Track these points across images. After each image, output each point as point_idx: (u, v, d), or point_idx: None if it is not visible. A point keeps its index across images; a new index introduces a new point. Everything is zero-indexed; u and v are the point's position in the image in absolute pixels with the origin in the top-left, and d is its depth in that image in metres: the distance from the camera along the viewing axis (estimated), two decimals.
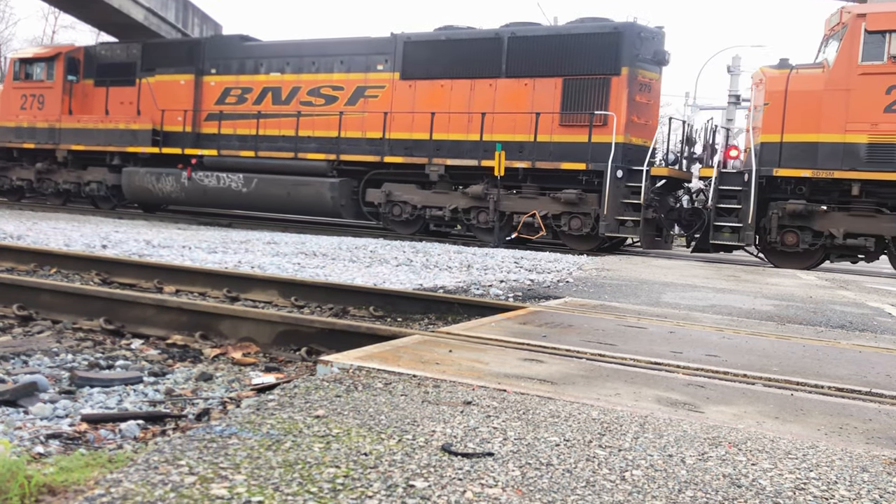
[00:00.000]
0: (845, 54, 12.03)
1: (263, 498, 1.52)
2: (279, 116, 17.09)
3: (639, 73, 14.08)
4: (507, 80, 14.74)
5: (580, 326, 4.32)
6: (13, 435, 2.39)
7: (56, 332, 4.24)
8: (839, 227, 12.26)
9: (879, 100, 11.73)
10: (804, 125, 12.29)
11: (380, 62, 16.10)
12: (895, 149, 11.72)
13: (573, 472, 1.82)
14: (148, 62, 19.06)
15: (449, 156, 15.16)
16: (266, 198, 17.09)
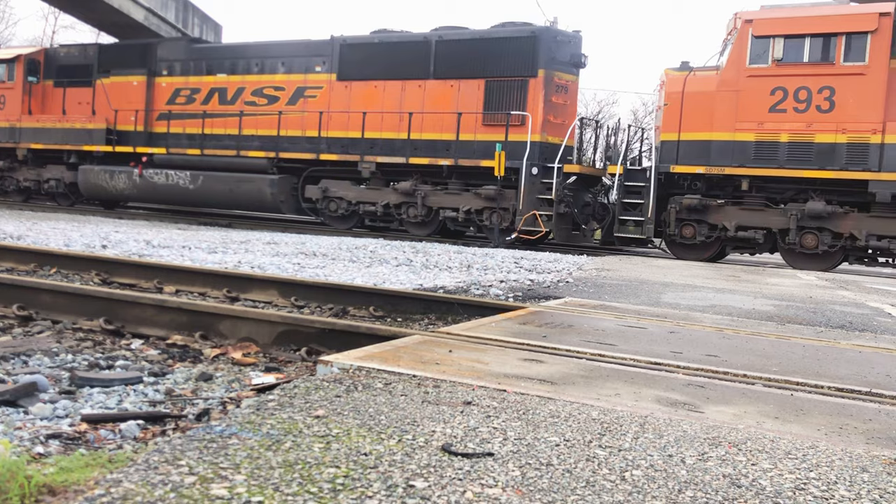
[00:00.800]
0: (735, 57, 12.81)
1: (263, 498, 1.53)
2: (224, 116, 17.90)
3: (555, 75, 14.82)
4: (434, 82, 15.49)
5: (580, 326, 4.32)
6: (13, 435, 2.39)
7: (56, 333, 4.24)
8: (732, 221, 12.96)
9: (765, 100, 12.47)
10: (699, 124, 13.00)
11: (318, 64, 16.88)
12: (778, 146, 12.46)
13: (573, 472, 1.82)
14: (104, 64, 19.83)
15: (382, 153, 15.94)
16: (211, 194, 17.83)
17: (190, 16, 35.57)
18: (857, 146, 12.01)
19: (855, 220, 12.33)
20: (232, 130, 17.72)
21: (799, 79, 12.30)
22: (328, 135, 16.56)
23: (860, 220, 12.31)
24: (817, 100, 12.23)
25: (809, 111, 12.28)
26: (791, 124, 12.39)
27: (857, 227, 12.28)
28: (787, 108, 12.41)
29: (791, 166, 12.41)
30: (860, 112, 12.01)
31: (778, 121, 12.44)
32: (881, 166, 11.90)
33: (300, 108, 16.90)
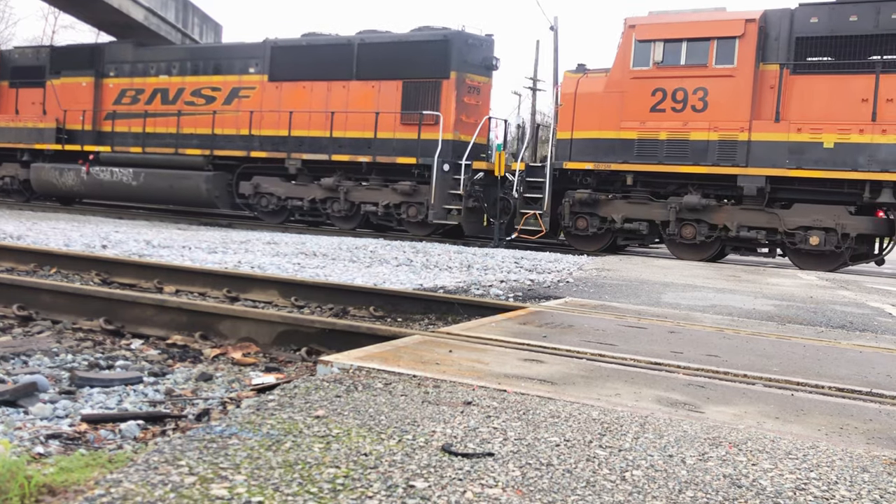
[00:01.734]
0: (620, 60, 13.67)
1: (263, 498, 1.52)
2: (165, 115, 18.72)
3: (467, 77, 15.65)
4: (357, 83, 16.32)
5: (580, 326, 4.32)
6: (13, 435, 2.39)
7: (56, 333, 4.24)
8: (619, 213, 13.85)
9: (646, 101, 13.29)
10: (590, 123, 13.84)
11: (252, 66, 17.73)
12: (658, 143, 13.26)
13: (573, 472, 1.82)
14: (55, 65, 20.56)
15: (309, 151, 16.75)
16: (152, 190, 18.60)
17: (190, 15, 35.56)
18: (727, 143, 12.77)
19: (728, 213, 13.07)
20: (172, 129, 18.48)
21: (676, 80, 13.09)
22: (260, 133, 17.32)
23: (732, 213, 13.03)
24: (692, 100, 13.02)
25: (686, 111, 13.06)
26: (669, 123, 13.16)
27: (729, 219, 13.02)
28: (665, 108, 13.16)
29: (669, 162, 13.21)
30: (730, 111, 12.73)
31: (658, 120, 13.23)
32: (748, 162, 12.69)
33: (235, 108, 17.64)
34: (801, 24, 12.49)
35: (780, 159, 12.48)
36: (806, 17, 12.50)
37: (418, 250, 11.64)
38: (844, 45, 12.21)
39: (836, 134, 12.14)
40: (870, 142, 11.90)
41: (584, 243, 14.34)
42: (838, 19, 12.26)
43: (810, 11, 12.54)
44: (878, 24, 12.01)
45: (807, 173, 12.29)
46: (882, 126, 11.86)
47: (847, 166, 12.07)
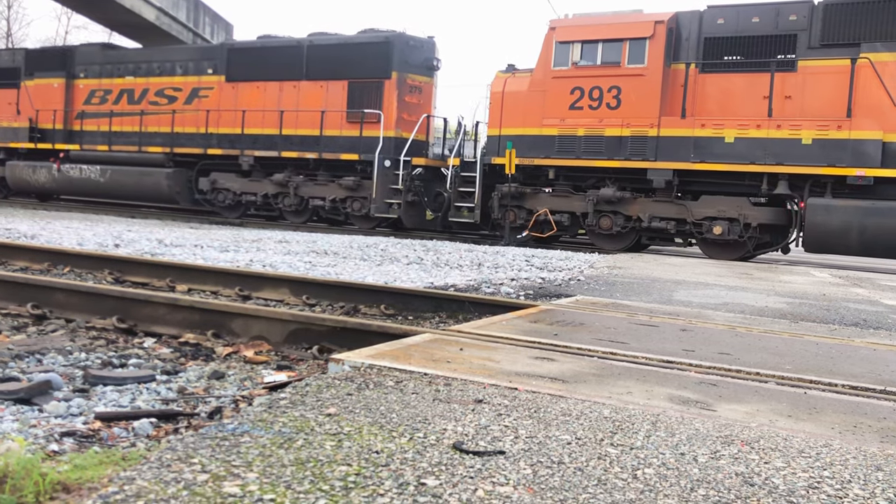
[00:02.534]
0: (542, 61, 14.35)
1: (275, 496, 1.53)
2: (130, 115, 19.58)
3: (408, 77, 16.38)
4: (307, 83, 17.07)
5: (592, 325, 4.31)
6: (28, 433, 2.41)
7: (69, 331, 4.27)
8: (543, 206, 14.60)
9: (566, 99, 13.97)
10: (515, 121, 14.51)
11: (210, 67, 18.56)
12: (576, 139, 13.98)
13: (585, 470, 1.81)
14: (30, 67, 21.45)
15: (262, 148, 17.54)
16: (118, 186, 19.57)
17: (201, 15, 35.67)
18: (638, 139, 13.45)
19: (640, 205, 13.78)
20: (136, 128, 19.37)
21: (593, 79, 13.79)
22: (217, 131, 18.12)
23: (644, 204, 13.74)
24: (607, 98, 13.68)
25: (601, 108, 13.74)
26: (586, 120, 13.86)
27: (642, 211, 13.74)
28: (583, 106, 13.87)
29: (587, 157, 13.91)
30: (640, 108, 13.40)
31: (576, 117, 13.94)
32: (657, 156, 13.35)
33: (195, 108, 18.47)
34: (709, 25, 13.12)
35: (686, 154, 13.10)
36: (713, 18, 13.14)
37: (429, 248, 11.65)
38: (747, 45, 12.84)
39: (736, 129, 12.78)
40: (766, 136, 12.53)
41: (514, 234, 15.07)
42: (742, 21, 12.89)
43: (717, 13, 13.17)
44: (777, 26, 12.66)
45: (709, 166, 12.96)
46: (777, 121, 12.46)
47: (746, 160, 12.69)
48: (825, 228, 12.10)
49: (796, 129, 12.34)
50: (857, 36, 12.16)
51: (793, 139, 12.33)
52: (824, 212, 12.08)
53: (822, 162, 12.16)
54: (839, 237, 12.07)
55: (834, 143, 12.05)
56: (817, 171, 12.22)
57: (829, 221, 12.07)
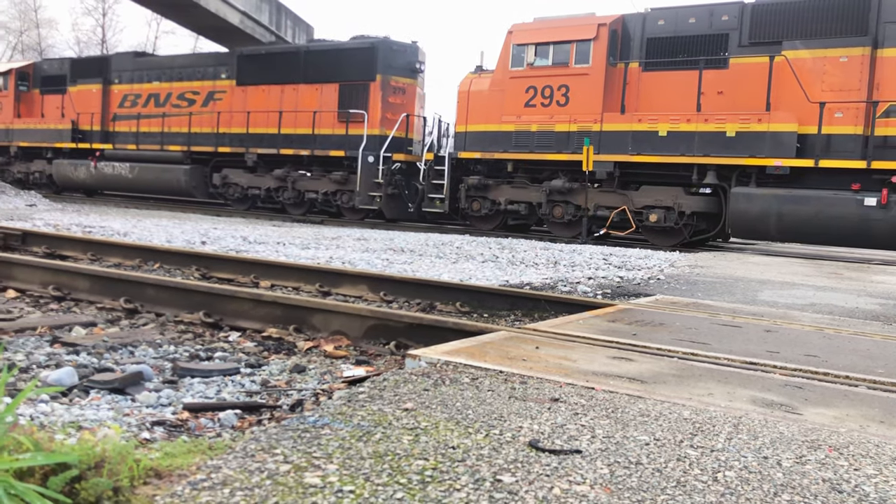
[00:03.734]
0: (502, 62, 15.37)
1: (355, 487, 1.57)
2: (155, 117, 21.29)
3: (391, 79, 17.59)
4: (305, 86, 18.50)
5: (672, 325, 4.23)
6: (122, 421, 2.53)
7: (159, 325, 4.45)
8: (504, 196, 15.59)
9: (522, 97, 14.88)
10: (479, 118, 15.55)
11: (224, 72, 20.15)
12: (531, 135, 14.90)
13: (663, 471, 1.79)
14: (74, 74, 23.30)
15: (265, 146, 18.92)
16: (143, 181, 21.27)
17: (283, 18, 36.49)
18: (584, 133, 14.32)
19: (587, 194, 14.68)
20: (159, 129, 21.09)
21: (545, 79, 14.71)
22: (228, 131, 19.68)
23: (591, 194, 14.63)
24: (557, 96, 14.60)
25: (552, 106, 14.66)
26: (539, 116, 14.79)
27: (589, 200, 14.66)
28: (536, 104, 14.81)
29: (539, 151, 14.86)
30: (586, 105, 14.31)
31: (530, 114, 14.87)
32: (599, 149, 14.14)
33: (210, 110, 20.05)
34: (651, 26, 13.95)
35: (625, 147, 13.92)
36: (655, 20, 13.97)
37: (504, 246, 11.63)
38: (684, 45, 13.61)
39: (669, 123, 13.53)
40: (695, 130, 13.27)
41: (480, 223, 16.06)
42: (680, 22, 13.71)
43: (659, 15, 14.00)
44: (711, 26, 13.44)
45: (645, 158, 13.78)
46: (705, 116, 13.21)
47: (677, 152, 13.45)
48: (747, 215, 12.81)
49: (722, 122, 13.08)
50: (780, 34, 12.86)
51: (718, 132, 13.09)
52: (746, 200, 12.80)
53: (744, 153, 12.86)
54: (759, 223, 12.78)
55: (755, 136, 12.78)
56: (740, 162, 12.92)
57: (750, 209, 12.75)
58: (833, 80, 12.30)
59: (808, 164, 12.33)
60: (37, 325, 4.09)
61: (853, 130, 12.18)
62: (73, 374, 3.02)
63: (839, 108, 12.22)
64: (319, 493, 1.52)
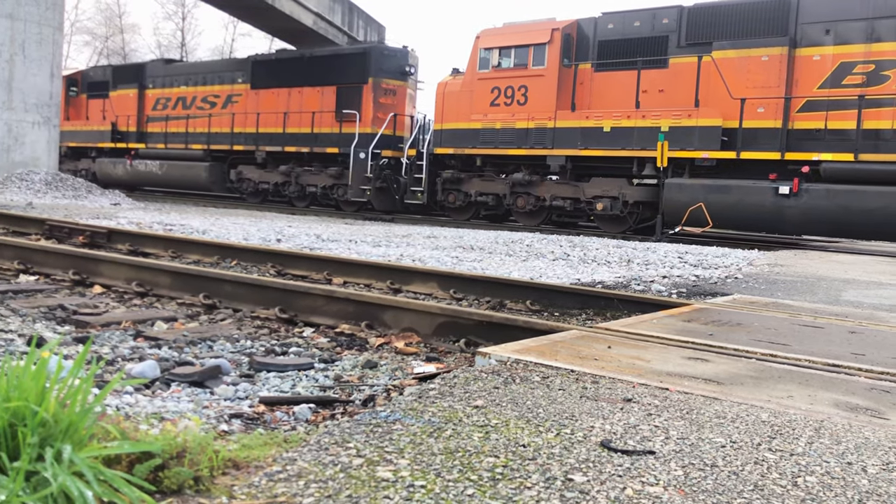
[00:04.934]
0: (471, 65, 16.83)
1: (426, 483, 1.58)
2: (180, 118, 23.41)
3: (383, 81, 19.16)
4: (308, 89, 20.20)
5: (750, 325, 4.11)
6: (202, 413, 2.62)
7: (237, 320, 4.58)
8: (475, 189, 17.07)
9: (488, 97, 16.32)
10: (452, 116, 16.97)
11: (240, 77, 22.06)
12: (495, 131, 16.28)
13: (740, 474, 1.74)
14: (115, 80, 25.73)
15: (273, 144, 20.87)
16: (171, 177, 23.47)
17: (355, 18, 36.96)
18: (539, 130, 15.61)
19: (545, 186, 16.02)
20: (183, 129, 23.30)
21: (507, 80, 16.09)
22: (243, 131, 21.57)
23: (549, 186, 15.96)
24: (518, 95, 15.94)
25: (513, 105, 16.00)
26: (502, 115, 16.16)
27: (547, 191, 15.98)
28: (500, 103, 16.17)
29: (503, 147, 16.22)
30: (542, 104, 15.57)
31: (495, 112, 16.26)
32: (553, 145, 15.52)
33: (228, 111, 21.96)
34: (602, 30, 15.17)
35: (575, 142, 15.21)
36: (605, 23, 15.17)
37: (575, 244, 11.51)
38: (630, 46, 14.70)
39: (612, 120, 14.77)
40: (634, 125, 14.45)
41: (456, 213, 17.61)
42: (627, 25, 14.88)
43: (609, 19, 15.21)
44: (653, 28, 14.54)
45: (591, 152, 15.03)
46: (643, 112, 14.40)
47: (619, 146, 14.65)
48: (679, 204, 13.86)
49: (657, 118, 14.18)
50: (711, 36, 13.87)
51: (654, 127, 14.16)
52: (678, 189, 13.91)
53: (676, 146, 13.89)
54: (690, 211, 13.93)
55: (685, 130, 13.87)
56: (673, 155, 13.96)
57: (681, 198, 13.85)
58: (756, 78, 13.27)
59: (731, 156, 13.47)
60: (121, 320, 4.26)
61: (773, 124, 13.14)
62: (155, 367, 3.14)
63: (761, 104, 13.22)
64: (391, 487, 1.54)
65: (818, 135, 12.73)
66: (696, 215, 13.69)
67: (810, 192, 12.61)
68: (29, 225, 9.14)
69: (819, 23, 12.94)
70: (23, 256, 6.06)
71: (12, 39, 18.16)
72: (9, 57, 18.15)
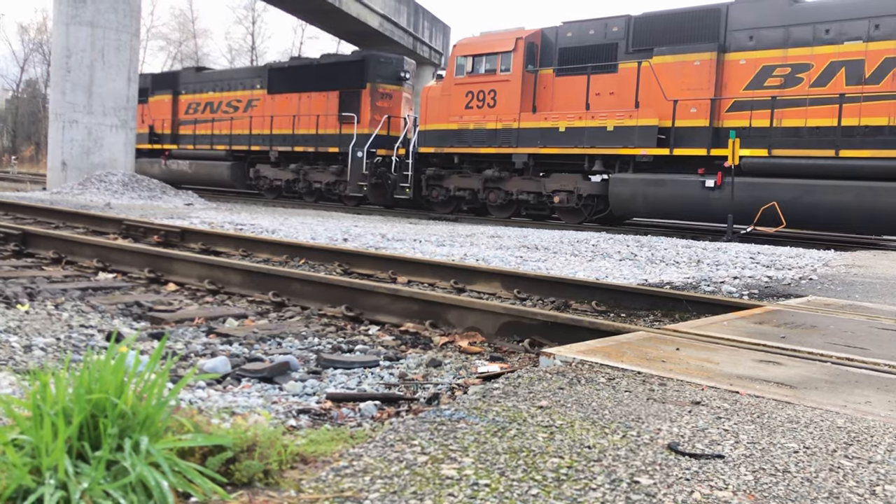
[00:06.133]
0: (449, 72, 18.49)
1: (490, 482, 1.58)
2: (207, 122, 25.68)
3: (379, 86, 20.87)
4: (316, 93, 22.06)
5: (825, 328, 3.98)
6: (271, 408, 2.68)
7: (304, 318, 4.66)
8: (454, 184, 18.64)
9: (462, 101, 17.87)
10: (433, 118, 18.51)
11: (258, 83, 24.07)
12: (469, 132, 17.75)
13: (813, 481, 1.69)
14: (153, 87, 27.76)
15: (283, 144, 22.84)
16: (199, 175, 25.64)
17: (420, 19, 37.14)
18: (506, 130, 17.06)
19: (513, 181, 17.41)
20: (209, 132, 25.59)
21: (479, 85, 17.58)
22: (260, 132, 23.62)
23: (516, 181, 17.35)
24: (487, 99, 17.40)
25: (484, 108, 17.45)
26: (475, 117, 17.64)
27: (514, 186, 17.37)
28: (473, 106, 17.67)
29: (476, 146, 17.70)
30: (508, 107, 17.02)
31: (469, 115, 17.74)
32: (518, 143, 16.89)
33: (248, 115, 24.03)
34: (562, 38, 16.53)
35: (536, 141, 16.58)
36: (565, 32, 16.56)
37: (643, 244, 11.33)
38: (585, 53, 16.04)
39: (566, 120, 16.13)
40: (585, 125, 15.84)
41: (439, 207, 19.05)
42: (583, 33, 16.21)
43: (568, 28, 16.61)
44: (605, 36, 15.87)
45: (549, 150, 16.45)
46: (592, 113, 15.77)
47: (572, 144, 16.02)
48: (622, 196, 15.29)
49: (604, 119, 15.55)
50: (652, 42, 15.10)
51: (601, 127, 15.57)
52: (621, 183, 15.30)
53: (619, 144, 15.29)
54: (631, 203, 15.26)
55: (627, 129, 15.19)
56: (617, 152, 15.36)
57: (624, 191, 15.24)
58: (689, 81, 14.50)
59: (665, 152, 14.71)
60: (194, 317, 4.39)
61: (703, 123, 14.33)
62: (226, 363, 3.22)
63: (693, 104, 14.41)
64: (456, 486, 1.55)
65: (743, 132, 13.71)
66: (635, 207, 15.18)
67: (731, 185, 13.70)
68: (107, 224, 9.50)
69: (744, 30, 14.15)
70: (101, 255, 6.31)
71: (92, 46, 18.90)
72: (89, 63, 18.90)
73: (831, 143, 12.95)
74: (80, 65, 18.86)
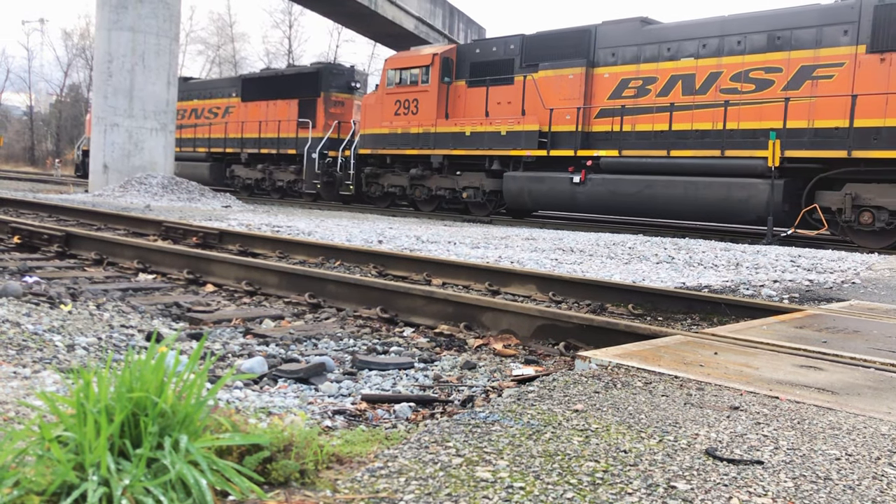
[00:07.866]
0: (382, 82, 20.81)
1: (525, 484, 1.58)
2: (191, 126, 27.78)
3: (332, 95, 23.69)
4: (281, 101, 24.77)
5: (868, 332, 3.90)
6: (307, 409, 2.70)
7: (340, 319, 4.70)
8: (387, 182, 21.04)
9: (392, 109, 20.22)
10: (370, 123, 20.91)
11: (234, 91, 26.63)
12: (398, 136, 20.00)
13: (856, 489, 1.66)
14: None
15: (252, 147, 25.79)
16: (185, 175, 25.59)
17: (455, 21, 37.18)
18: (426, 134, 19.39)
19: (433, 179, 19.83)
20: (191, 135, 28.18)
21: (405, 95, 19.91)
22: (234, 136, 26.49)
23: (435, 179, 19.77)
24: (411, 107, 19.76)
25: (409, 115, 19.81)
26: (402, 123, 19.97)
27: (434, 184, 19.80)
28: (401, 114, 20.00)
29: (403, 148, 20.00)
30: (428, 114, 19.35)
31: (397, 121, 20.09)
32: (434, 146, 19.25)
33: (224, 121, 26.97)
34: (472, 54, 18.97)
35: (448, 143, 18.93)
36: (474, 49, 19.15)
37: (680, 247, 11.20)
38: (490, 67, 18.36)
39: (471, 126, 18.51)
40: (484, 130, 18.18)
41: (378, 202, 21.45)
42: (488, 50, 18.63)
43: (476, 45, 19.41)
44: (505, 52, 18.17)
45: (458, 152, 18.74)
46: (490, 120, 18.10)
47: (475, 146, 18.37)
48: (512, 192, 17.65)
49: (499, 125, 17.86)
50: (539, 58, 17.41)
51: (496, 132, 17.90)
52: (511, 180, 17.64)
53: (510, 146, 17.59)
54: (519, 197, 17.59)
55: (515, 134, 17.52)
56: (509, 153, 17.62)
57: (513, 187, 17.61)
58: (565, 92, 16.81)
59: (543, 153, 16.99)
60: (232, 317, 4.44)
61: (573, 128, 16.61)
62: (263, 364, 3.26)
63: (567, 112, 16.70)
64: (490, 488, 1.55)
65: (607, 136, 16.20)
66: (522, 200, 17.61)
67: (592, 181, 16.12)
68: (147, 226, 9.67)
69: (608, 48, 16.42)
70: (141, 256, 6.42)
71: (133, 50, 19.26)
72: (130, 67, 19.27)
73: (667, 144, 15.38)
74: (122, 69, 19.23)
